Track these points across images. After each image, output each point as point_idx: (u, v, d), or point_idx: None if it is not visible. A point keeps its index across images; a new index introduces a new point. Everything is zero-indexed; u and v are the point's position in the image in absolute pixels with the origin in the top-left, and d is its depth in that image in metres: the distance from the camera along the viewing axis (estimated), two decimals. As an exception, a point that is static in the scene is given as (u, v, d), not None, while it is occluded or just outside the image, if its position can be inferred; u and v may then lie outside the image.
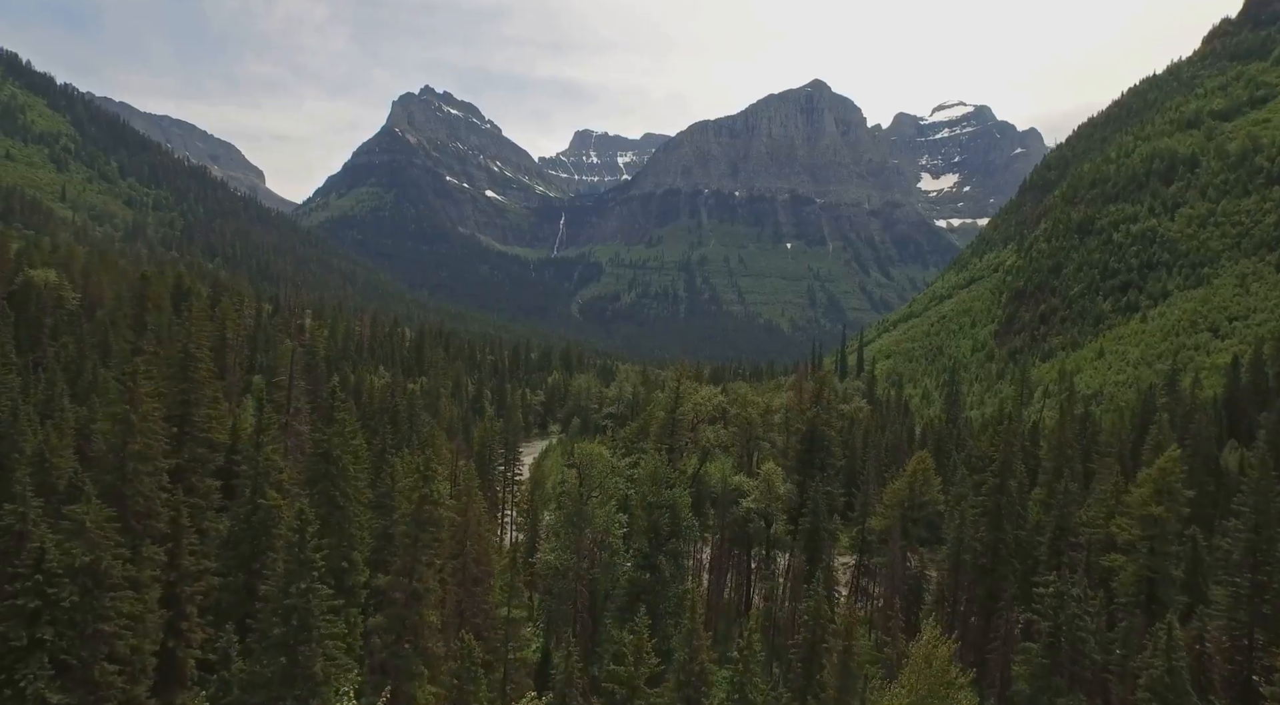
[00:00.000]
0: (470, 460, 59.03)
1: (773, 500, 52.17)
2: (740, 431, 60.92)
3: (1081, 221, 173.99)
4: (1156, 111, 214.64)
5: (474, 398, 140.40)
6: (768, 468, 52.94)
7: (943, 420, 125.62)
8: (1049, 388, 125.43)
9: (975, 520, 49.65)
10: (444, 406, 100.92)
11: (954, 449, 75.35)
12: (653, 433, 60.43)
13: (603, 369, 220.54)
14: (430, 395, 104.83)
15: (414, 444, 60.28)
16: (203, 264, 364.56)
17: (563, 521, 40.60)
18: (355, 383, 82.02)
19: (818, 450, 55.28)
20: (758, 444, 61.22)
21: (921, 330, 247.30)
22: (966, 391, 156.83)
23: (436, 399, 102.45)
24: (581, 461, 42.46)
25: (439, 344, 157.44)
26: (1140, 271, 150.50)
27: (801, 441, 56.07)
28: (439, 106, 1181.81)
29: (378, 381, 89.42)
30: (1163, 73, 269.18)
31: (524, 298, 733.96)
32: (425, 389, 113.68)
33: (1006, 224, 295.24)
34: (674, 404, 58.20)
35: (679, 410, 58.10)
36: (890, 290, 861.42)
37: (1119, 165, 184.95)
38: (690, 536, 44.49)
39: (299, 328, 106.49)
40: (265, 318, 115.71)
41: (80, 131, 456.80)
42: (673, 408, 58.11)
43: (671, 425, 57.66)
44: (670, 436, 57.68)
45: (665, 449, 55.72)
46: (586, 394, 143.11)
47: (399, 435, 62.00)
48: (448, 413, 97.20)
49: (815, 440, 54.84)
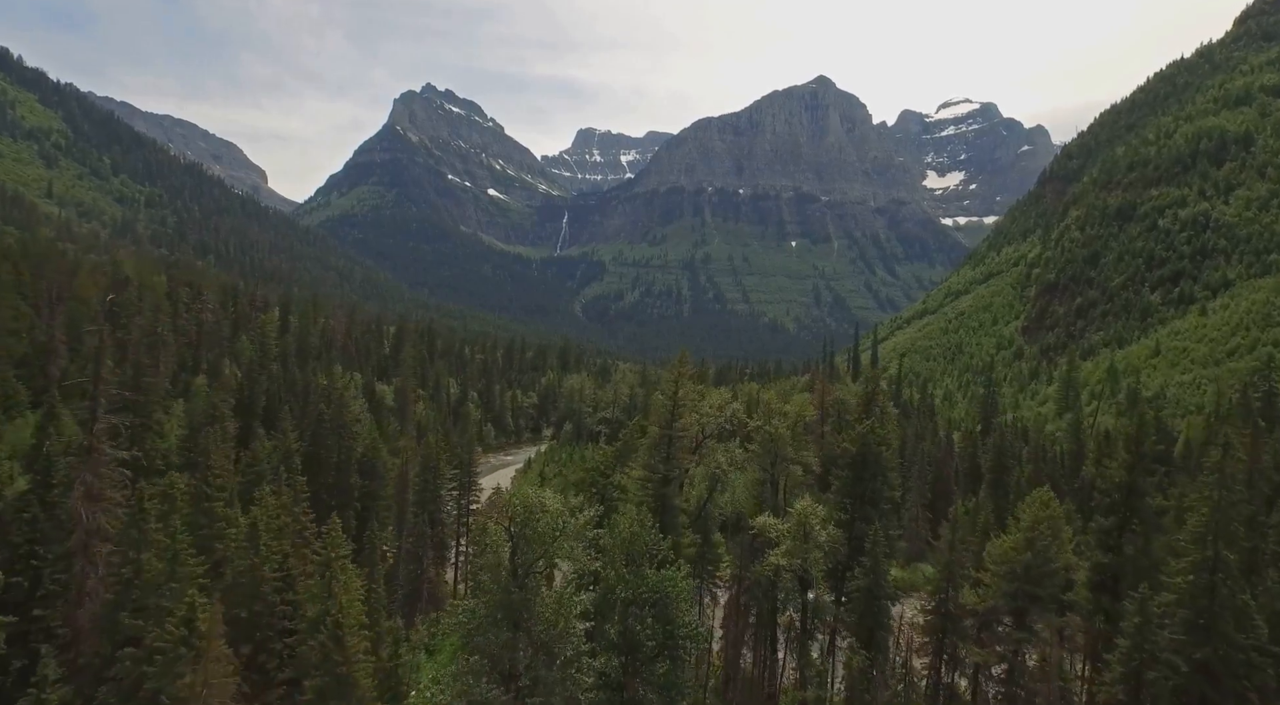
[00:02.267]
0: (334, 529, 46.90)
1: (810, 550, 38.55)
2: (763, 450, 47.18)
3: (1120, 207, 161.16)
4: (1196, 91, 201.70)
5: (457, 401, 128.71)
6: (803, 507, 39.92)
7: (974, 426, 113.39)
8: (1095, 389, 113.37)
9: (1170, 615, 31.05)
10: (419, 411, 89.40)
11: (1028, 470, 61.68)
12: (640, 456, 44.72)
13: (602, 368, 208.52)
14: (410, 396, 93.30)
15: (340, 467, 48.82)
16: (191, 261, 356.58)
17: (477, 623, 24.51)
18: (303, 386, 70.65)
19: (870, 478, 42.58)
20: (785, 467, 48.04)
21: (938, 327, 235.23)
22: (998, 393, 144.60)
23: (405, 404, 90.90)
24: (514, 517, 25.25)
25: (422, 342, 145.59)
26: (1193, 259, 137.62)
27: (850, 467, 42.52)
28: (441, 105, 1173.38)
29: (338, 383, 77.92)
30: (1191, 56, 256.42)
31: (526, 297, 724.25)
32: (399, 391, 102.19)
33: (1026, 216, 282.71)
34: (670, 414, 43.38)
35: (677, 423, 43.49)
36: (896, 289, 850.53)
37: (1160, 147, 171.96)
38: (695, 643, 28.82)
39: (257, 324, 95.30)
40: (224, 311, 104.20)
41: (73, 128, 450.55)
42: (669, 420, 43.32)
43: (667, 445, 43.09)
44: (665, 461, 43.04)
45: (656, 483, 42.63)
46: (579, 396, 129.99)
47: (341, 451, 50.36)
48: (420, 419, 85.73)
49: (867, 465, 42.15)
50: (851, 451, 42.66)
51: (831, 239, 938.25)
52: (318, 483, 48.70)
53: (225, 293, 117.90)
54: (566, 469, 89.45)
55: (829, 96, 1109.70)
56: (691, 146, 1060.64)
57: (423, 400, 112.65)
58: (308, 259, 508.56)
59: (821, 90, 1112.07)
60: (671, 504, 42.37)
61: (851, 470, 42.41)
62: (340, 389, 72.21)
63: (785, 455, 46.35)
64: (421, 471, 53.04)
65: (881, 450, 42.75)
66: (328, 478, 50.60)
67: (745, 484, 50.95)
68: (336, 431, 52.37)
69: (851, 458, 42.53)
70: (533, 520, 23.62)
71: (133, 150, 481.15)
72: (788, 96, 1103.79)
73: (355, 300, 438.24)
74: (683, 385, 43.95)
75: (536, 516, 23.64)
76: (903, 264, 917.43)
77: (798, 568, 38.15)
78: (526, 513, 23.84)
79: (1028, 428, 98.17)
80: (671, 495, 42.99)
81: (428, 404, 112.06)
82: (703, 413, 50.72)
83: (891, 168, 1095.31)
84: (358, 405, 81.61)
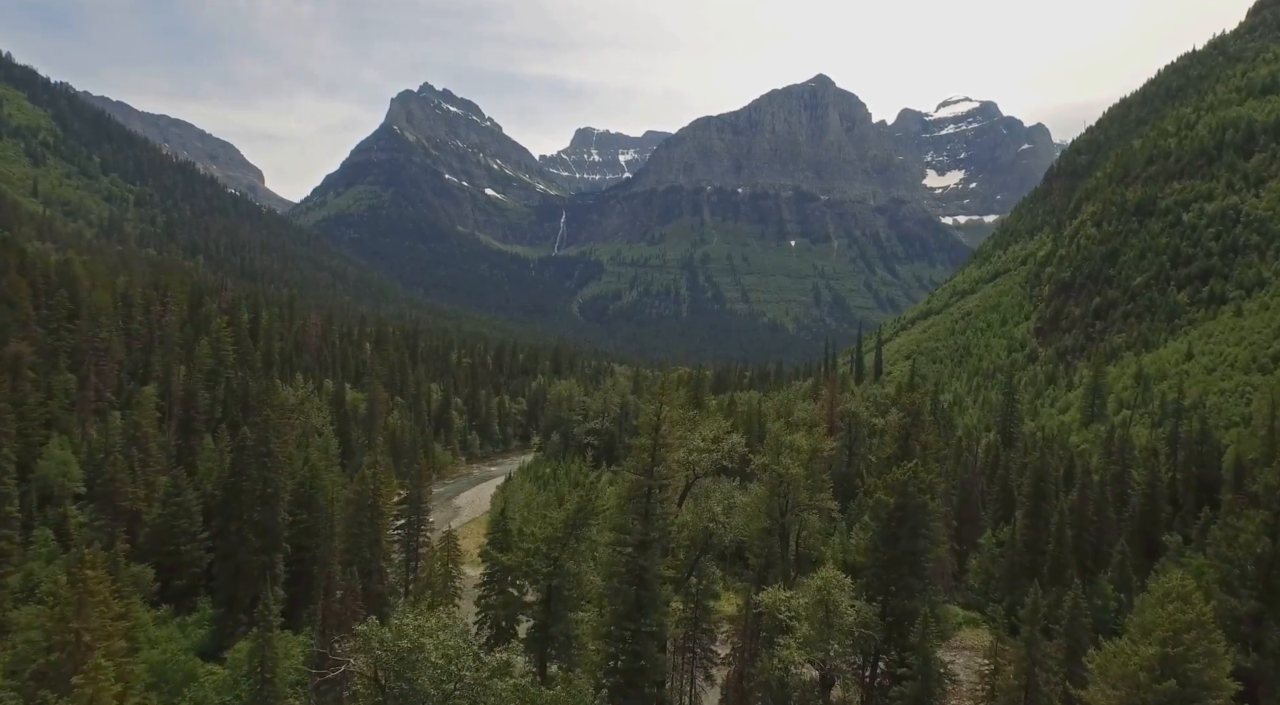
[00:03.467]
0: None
1: (834, 637, 30.05)
2: (771, 494, 37.68)
3: (1140, 202, 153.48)
4: (1216, 81, 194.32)
5: (439, 408, 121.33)
6: (825, 578, 31.04)
7: (989, 435, 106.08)
8: (1123, 396, 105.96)
9: None
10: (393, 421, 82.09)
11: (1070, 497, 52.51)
12: (611, 514, 34.95)
13: (597, 371, 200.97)
14: (380, 406, 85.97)
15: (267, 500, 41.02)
16: (178, 261, 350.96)
17: None
18: (259, 393, 63.39)
19: (910, 535, 33.58)
20: (799, 516, 38.81)
21: (944, 328, 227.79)
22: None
23: (375, 414, 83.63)
24: (382, 665, 16.50)
25: (405, 344, 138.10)
26: (1224, 256, 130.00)
27: (885, 523, 34.34)
28: (438, 104, 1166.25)
29: (296, 394, 70.73)
30: (1204, 48, 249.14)
31: (524, 297, 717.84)
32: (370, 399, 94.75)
33: (1032, 214, 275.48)
34: (651, 458, 33.67)
35: (659, 468, 33.82)
36: (896, 288, 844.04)
37: (1181, 138, 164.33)
38: None
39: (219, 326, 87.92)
40: (191, 314, 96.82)
41: (62, 126, 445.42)
42: (648, 466, 33.53)
43: (645, 499, 33.52)
44: (644, 519, 33.31)
45: (631, 551, 33.35)
46: (568, 403, 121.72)
47: (265, 481, 42.48)
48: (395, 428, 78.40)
49: (907, 519, 33.45)
50: (888, 504, 34.06)
51: (831, 238, 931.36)
52: (241, 520, 41.42)
53: (194, 294, 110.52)
54: (551, 486, 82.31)
55: (828, 95, 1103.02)
56: (690, 146, 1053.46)
57: (399, 408, 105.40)
58: (301, 259, 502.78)
59: (821, 89, 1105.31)
60: (651, 575, 33.53)
61: (887, 527, 33.87)
62: (299, 399, 64.75)
63: (799, 501, 38.22)
64: (355, 511, 44.97)
65: (925, 499, 34.51)
66: (251, 513, 43.05)
67: (748, 509, 42.77)
68: (260, 458, 44.44)
69: (888, 512, 34.01)
70: (410, 668, 15.77)
71: (123, 149, 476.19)
72: (787, 95, 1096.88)
73: (347, 301, 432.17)
74: (667, 417, 35.01)
75: (415, 664, 15.70)
76: (903, 263, 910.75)
77: (818, 661, 29.95)
78: (400, 662, 15.92)
79: (1050, 438, 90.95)
80: (651, 564, 33.99)
81: (404, 412, 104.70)
82: (693, 448, 42.46)
83: (891, 166, 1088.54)
84: (321, 417, 74.32)
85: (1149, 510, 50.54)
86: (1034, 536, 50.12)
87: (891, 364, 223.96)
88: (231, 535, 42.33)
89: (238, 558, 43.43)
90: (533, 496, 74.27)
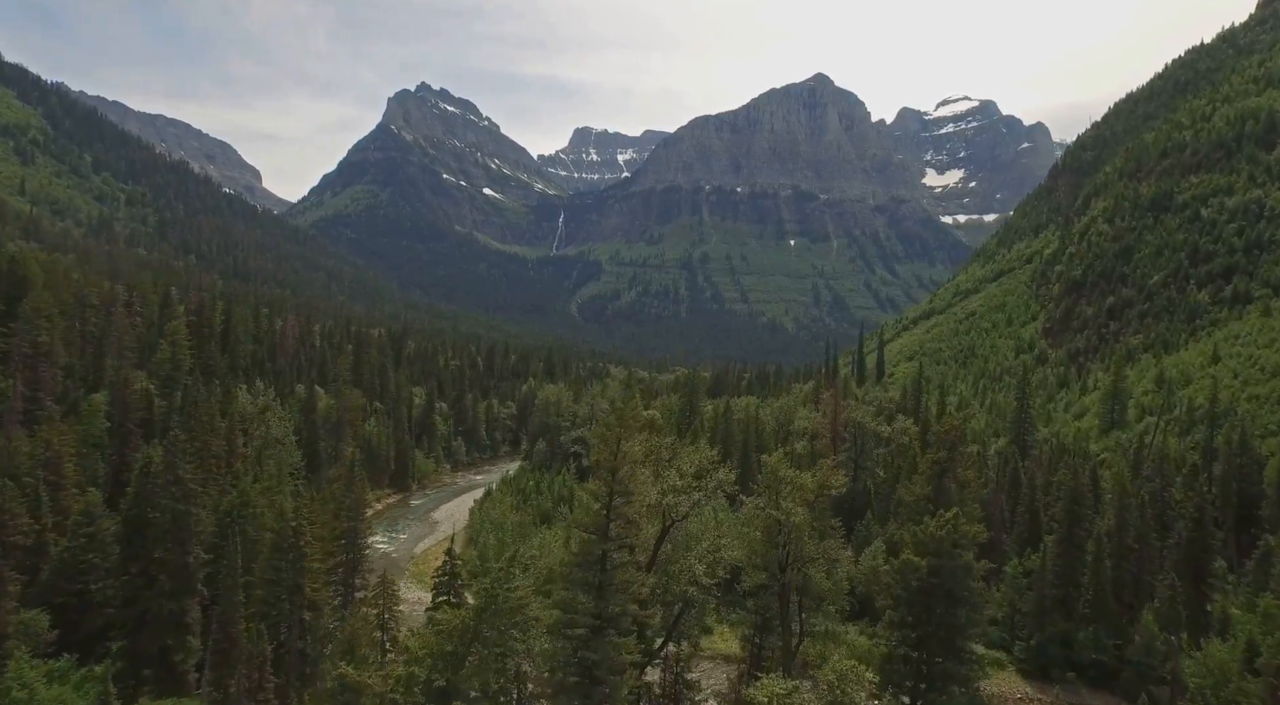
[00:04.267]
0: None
1: None
2: (768, 543, 30.58)
3: (1155, 197, 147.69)
4: (1230, 72, 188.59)
5: (422, 414, 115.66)
6: (838, 669, 24.42)
7: (999, 441, 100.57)
8: (1143, 401, 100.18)
9: None
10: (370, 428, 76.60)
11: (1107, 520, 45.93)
12: (555, 589, 27.67)
13: (592, 372, 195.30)
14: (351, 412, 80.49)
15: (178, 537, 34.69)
16: (169, 261, 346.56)
17: None
18: (192, 404, 57.46)
19: (947, 605, 26.65)
20: (802, 572, 30.97)
21: (948, 328, 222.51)
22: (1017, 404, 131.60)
23: (341, 422, 78.11)
24: None
25: (389, 346, 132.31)
26: (1247, 253, 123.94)
27: (919, 593, 25.51)
28: (435, 103, 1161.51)
29: (257, 402, 65.24)
30: (1213, 41, 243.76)
31: (522, 297, 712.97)
32: (358, 405, 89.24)
33: (1037, 211, 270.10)
34: (605, 514, 25.67)
35: (617, 522, 25.72)
36: (896, 288, 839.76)
37: (1197, 131, 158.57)
38: None
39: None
40: (159, 315, 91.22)
41: (53, 124, 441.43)
42: (602, 523, 25.43)
43: (601, 567, 25.73)
44: (597, 594, 25.66)
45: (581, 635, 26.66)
46: (556, 408, 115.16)
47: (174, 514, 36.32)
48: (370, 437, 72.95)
49: (944, 582, 25.96)
50: (920, 568, 27.03)
51: (831, 238, 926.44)
52: (145, 559, 35.55)
53: (165, 294, 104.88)
54: (533, 500, 76.35)
55: (827, 94, 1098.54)
56: (689, 145, 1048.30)
57: (377, 415, 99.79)
58: (295, 259, 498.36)
59: (820, 88, 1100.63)
60: (606, 669, 26.28)
61: (918, 597, 26.95)
62: (261, 407, 59.18)
63: (802, 553, 31.67)
64: (270, 553, 38.12)
65: (968, 559, 27.96)
66: (158, 551, 36.96)
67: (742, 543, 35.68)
68: (168, 486, 38.08)
69: (920, 578, 27.10)
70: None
71: (115, 148, 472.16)
72: (786, 94, 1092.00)
73: (341, 301, 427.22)
74: (629, 455, 26.85)
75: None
76: (903, 263, 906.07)
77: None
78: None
79: (1065, 445, 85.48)
80: (606, 656, 26.47)
81: (382, 419, 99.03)
82: (669, 488, 34.85)
83: (890, 166, 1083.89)
84: (283, 426, 68.77)
85: (1197, 537, 45.11)
86: (1067, 566, 44.22)
87: (894, 365, 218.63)
88: (135, 577, 36.40)
89: (141, 603, 37.45)
90: (507, 516, 67.83)
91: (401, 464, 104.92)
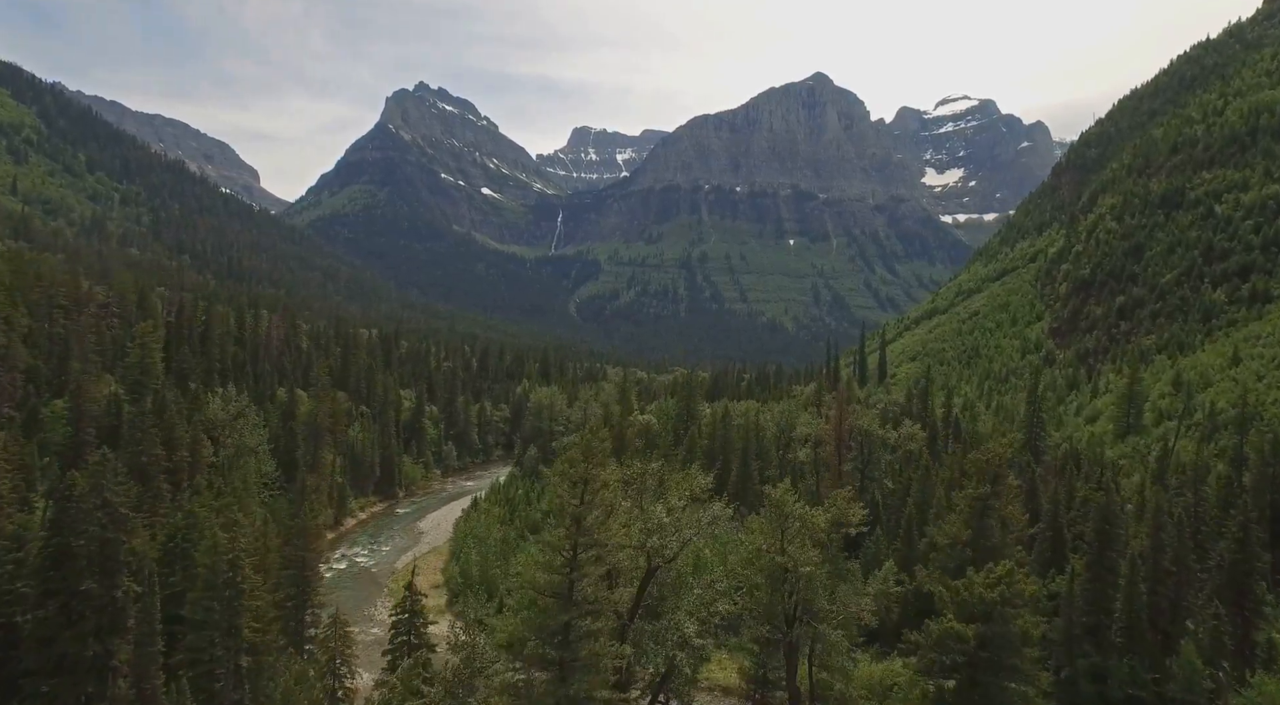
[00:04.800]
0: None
1: None
2: (772, 592, 25.41)
3: (1166, 194, 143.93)
4: (1242, 65, 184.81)
5: (411, 418, 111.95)
6: None
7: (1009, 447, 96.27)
8: (1160, 405, 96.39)
9: None
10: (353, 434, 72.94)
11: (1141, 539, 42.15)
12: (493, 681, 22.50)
13: (589, 373, 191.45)
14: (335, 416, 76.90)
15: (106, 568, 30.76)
16: (162, 261, 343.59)
17: None
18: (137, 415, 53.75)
19: (993, 671, 20.23)
20: (812, 630, 25.78)
21: (951, 328, 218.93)
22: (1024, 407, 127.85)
23: (318, 430, 74.46)
24: None
25: (379, 347, 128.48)
26: (1265, 251, 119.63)
27: (963, 668, 19.85)
28: (434, 103, 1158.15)
29: (229, 408, 61.60)
30: (1219, 35, 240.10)
31: (520, 297, 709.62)
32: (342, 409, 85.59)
33: (1040, 209, 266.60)
34: (567, 572, 21.51)
35: (585, 582, 21.35)
36: (896, 287, 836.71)
37: (1209, 125, 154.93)
38: None
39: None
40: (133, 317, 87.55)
41: (47, 123, 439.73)
42: (564, 587, 21.24)
43: (563, 639, 20.98)
44: (564, 650, 21.27)
45: None
46: (549, 412, 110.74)
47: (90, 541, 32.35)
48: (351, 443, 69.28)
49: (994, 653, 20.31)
50: (967, 639, 21.88)
51: (830, 237, 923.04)
52: (65, 595, 31.64)
53: (142, 295, 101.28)
54: (521, 512, 72.61)
55: (826, 93, 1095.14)
56: (688, 144, 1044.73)
57: (362, 419, 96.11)
58: (291, 259, 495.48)
59: (819, 87, 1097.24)
60: None
61: (963, 673, 22.13)
62: (235, 412, 55.57)
63: (813, 607, 27.19)
64: (202, 590, 33.48)
65: (1023, 625, 23.34)
66: (84, 583, 32.96)
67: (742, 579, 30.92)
68: (93, 512, 34.02)
69: (968, 651, 22.23)
70: None
71: (110, 147, 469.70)
72: (785, 93, 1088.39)
73: (337, 301, 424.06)
74: (600, 496, 22.25)
75: None
76: (902, 262, 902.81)
77: None
78: None
79: (1079, 451, 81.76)
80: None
81: (367, 424, 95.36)
82: (653, 527, 29.46)
83: (890, 165, 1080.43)
84: (256, 437, 65.18)
85: (1240, 558, 41.44)
86: (1098, 591, 40.49)
87: (896, 366, 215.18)
88: (54, 614, 32.36)
89: (60, 645, 33.27)
90: (491, 530, 63.70)
91: (387, 470, 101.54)
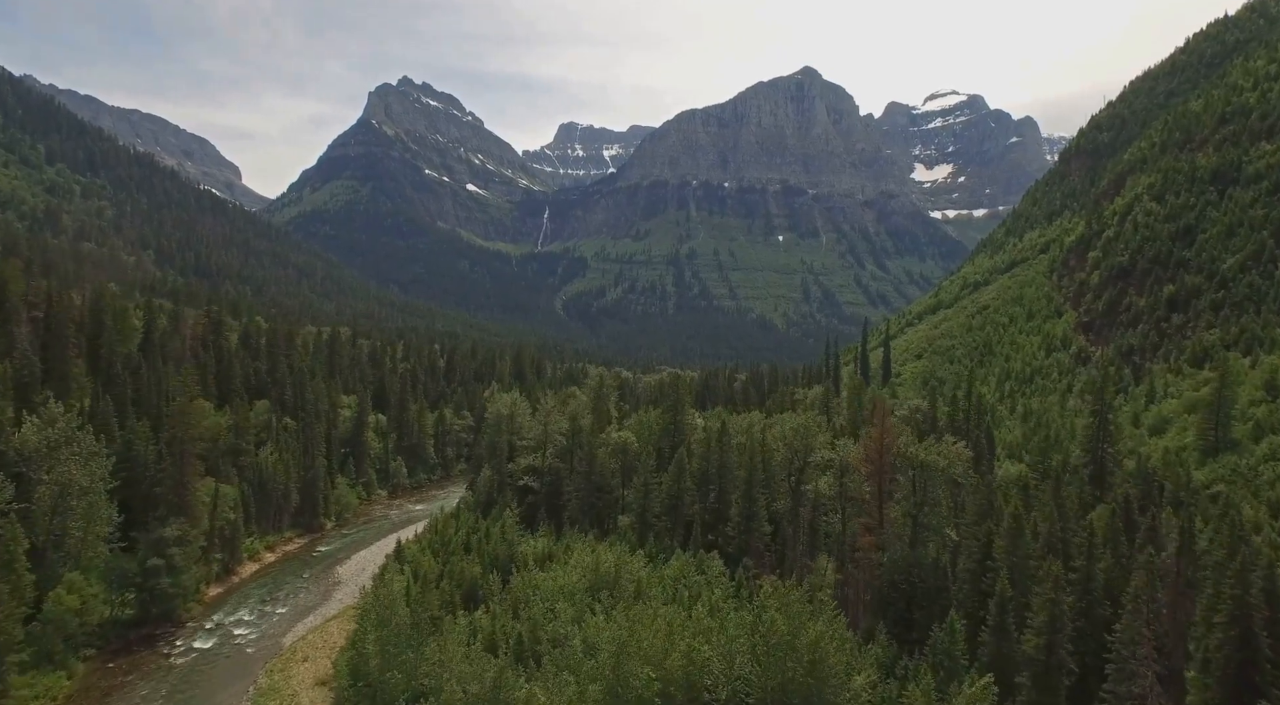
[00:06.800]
0: None
1: None
2: None
3: (1218, 169, 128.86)
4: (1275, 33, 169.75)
5: (350, 432, 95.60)
6: None
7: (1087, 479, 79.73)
8: (1250, 412, 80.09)
9: None
10: (264, 457, 56.76)
11: None
12: None
13: (569, 374, 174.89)
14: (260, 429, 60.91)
15: None
16: (121, 256, 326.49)
17: None
18: None
19: None
20: None
21: (958, 323, 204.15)
22: (1058, 412, 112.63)
23: (181, 455, 58.32)
24: None
25: (324, 348, 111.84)
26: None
27: None
28: (418, 98, 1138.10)
29: (55, 428, 45.73)
30: (1239, 12, 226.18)
31: (505, 294, 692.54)
32: (261, 423, 69.36)
33: (1049, 197, 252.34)
34: None
35: None
36: (886, 283, 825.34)
37: (1263, 92, 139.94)
38: None
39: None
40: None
41: (4, 114, 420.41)
42: None
43: None
44: None
45: None
46: (509, 424, 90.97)
47: None
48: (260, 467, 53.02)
49: None
50: None
51: (820, 233, 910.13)
52: None
53: (39, 293, 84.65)
54: (457, 559, 55.34)
55: (815, 87, 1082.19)
56: (675, 139, 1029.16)
57: (283, 433, 79.83)
58: (265, 255, 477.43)
59: (807, 81, 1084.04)
60: None
61: None
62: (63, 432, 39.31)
63: None
64: None
65: None
66: None
67: None
68: None
69: None
70: None
71: (73, 138, 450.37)
72: (773, 88, 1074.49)
73: (310, 299, 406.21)
74: None
75: None
76: (892, 258, 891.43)
77: None
78: None
79: (1155, 473, 66.26)
80: None
81: (289, 438, 79.03)
82: None
83: (879, 160, 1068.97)
84: (92, 470, 49.00)
85: None
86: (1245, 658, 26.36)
87: (901, 364, 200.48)
88: None
89: None
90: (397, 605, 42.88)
91: (309, 498, 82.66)
